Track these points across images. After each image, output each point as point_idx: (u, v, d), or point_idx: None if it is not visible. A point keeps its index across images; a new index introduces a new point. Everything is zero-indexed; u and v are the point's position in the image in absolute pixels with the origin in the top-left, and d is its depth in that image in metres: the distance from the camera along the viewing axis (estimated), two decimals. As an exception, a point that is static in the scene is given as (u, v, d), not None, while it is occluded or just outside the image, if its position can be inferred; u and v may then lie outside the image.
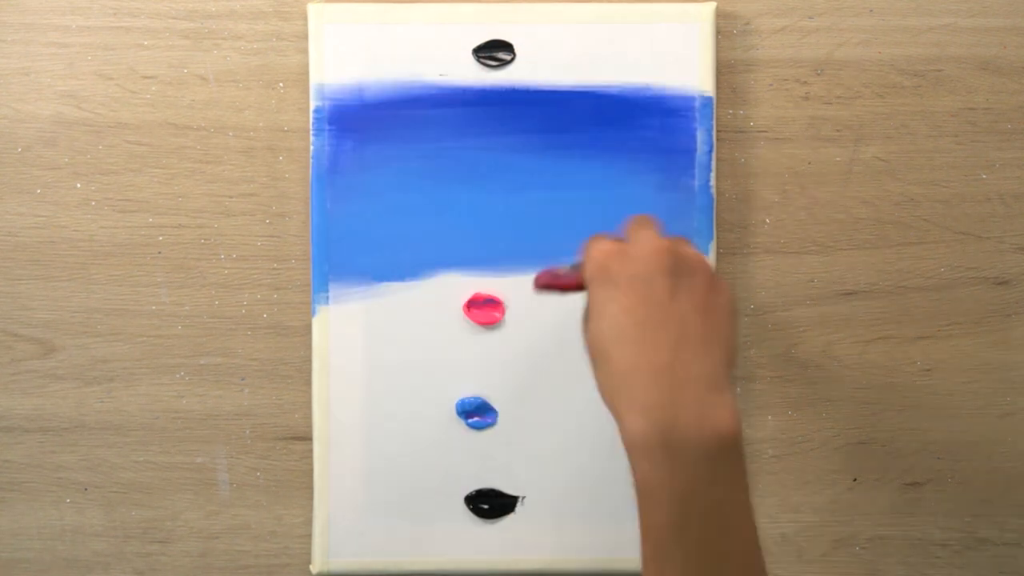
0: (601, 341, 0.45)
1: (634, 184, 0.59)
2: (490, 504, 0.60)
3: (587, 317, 0.47)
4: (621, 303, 0.45)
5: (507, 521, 0.60)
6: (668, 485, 0.43)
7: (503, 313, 0.59)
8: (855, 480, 0.62)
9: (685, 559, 0.43)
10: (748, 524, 0.44)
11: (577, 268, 0.49)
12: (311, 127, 0.59)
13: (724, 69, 0.60)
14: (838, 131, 0.61)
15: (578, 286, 0.49)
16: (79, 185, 0.61)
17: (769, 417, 0.62)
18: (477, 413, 0.60)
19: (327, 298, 0.59)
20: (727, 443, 0.43)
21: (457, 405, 0.60)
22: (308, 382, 0.61)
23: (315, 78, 0.59)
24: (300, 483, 0.62)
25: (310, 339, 0.60)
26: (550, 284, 0.50)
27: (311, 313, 0.60)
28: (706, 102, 0.59)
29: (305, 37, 0.60)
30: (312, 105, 0.59)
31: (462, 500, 0.60)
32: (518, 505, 0.60)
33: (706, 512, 0.43)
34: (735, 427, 0.43)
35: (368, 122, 0.59)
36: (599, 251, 0.47)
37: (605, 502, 0.60)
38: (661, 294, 0.45)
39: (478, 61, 0.59)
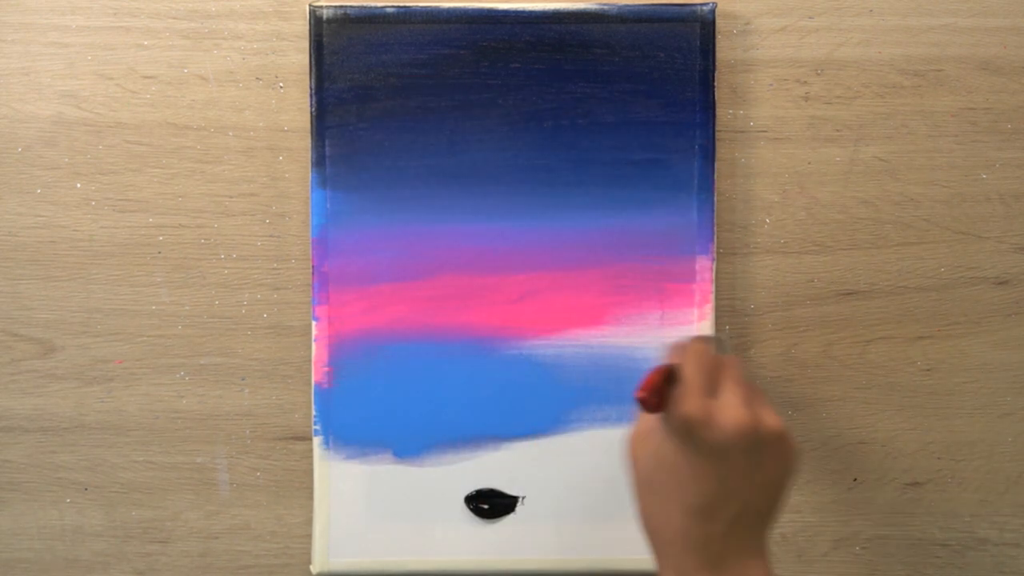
0: (663, 493, 0.47)
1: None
2: (490, 504, 0.60)
3: (647, 440, 0.48)
4: (694, 470, 0.47)
5: (507, 521, 0.60)
6: None
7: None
8: (855, 480, 0.62)
9: None
10: None
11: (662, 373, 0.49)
12: (311, 127, 0.59)
13: (724, 69, 0.60)
14: (838, 131, 0.61)
15: (658, 404, 0.48)
16: (79, 185, 0.61)
17: (769, 417, 0.62)
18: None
19: (327, 299, 0.59)
20: None
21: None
22: (308, 382, 0.61)
23: (315, 78, 0.59)
24: (300, 483, 0.62)
25: (310, 339, 0.60)
26: (649, 403, 0.48)
27: (311, 313, 0.60)
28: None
29: (305, 37, 0.60)
30: (312, 105, 0.59)
31: (462, 500, 0.60)
32: (518, 505, 0.60)
33: None
34: None
35: (368, 120, 0.59)
36: (688, 410, 0.47)
37: (605, 502, 0.60)
38: (734, 472, 0.46)
39: (477, 65, 0.59)
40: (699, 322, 0.60)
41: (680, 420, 0.47)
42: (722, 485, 0.46)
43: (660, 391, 0.48)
